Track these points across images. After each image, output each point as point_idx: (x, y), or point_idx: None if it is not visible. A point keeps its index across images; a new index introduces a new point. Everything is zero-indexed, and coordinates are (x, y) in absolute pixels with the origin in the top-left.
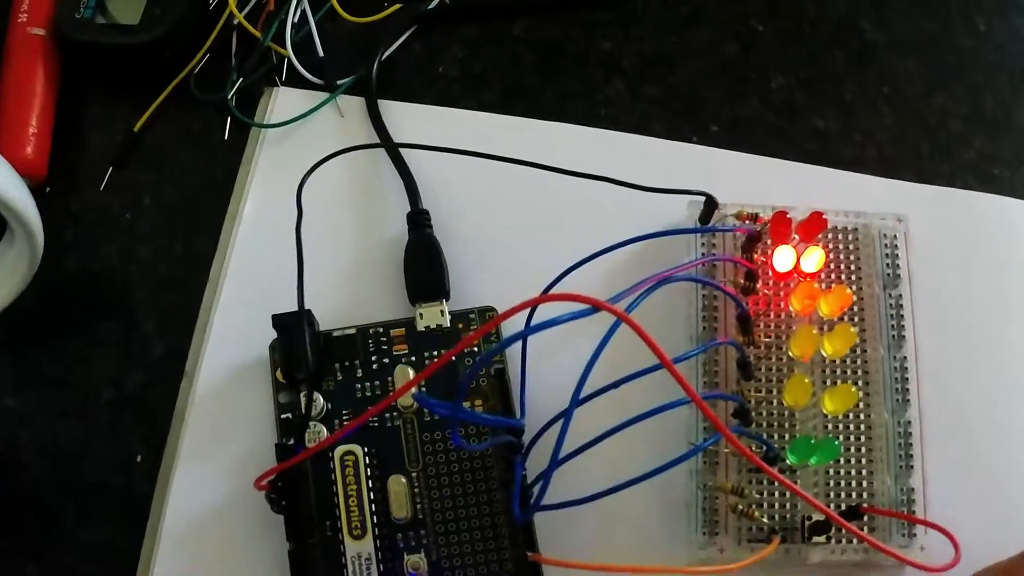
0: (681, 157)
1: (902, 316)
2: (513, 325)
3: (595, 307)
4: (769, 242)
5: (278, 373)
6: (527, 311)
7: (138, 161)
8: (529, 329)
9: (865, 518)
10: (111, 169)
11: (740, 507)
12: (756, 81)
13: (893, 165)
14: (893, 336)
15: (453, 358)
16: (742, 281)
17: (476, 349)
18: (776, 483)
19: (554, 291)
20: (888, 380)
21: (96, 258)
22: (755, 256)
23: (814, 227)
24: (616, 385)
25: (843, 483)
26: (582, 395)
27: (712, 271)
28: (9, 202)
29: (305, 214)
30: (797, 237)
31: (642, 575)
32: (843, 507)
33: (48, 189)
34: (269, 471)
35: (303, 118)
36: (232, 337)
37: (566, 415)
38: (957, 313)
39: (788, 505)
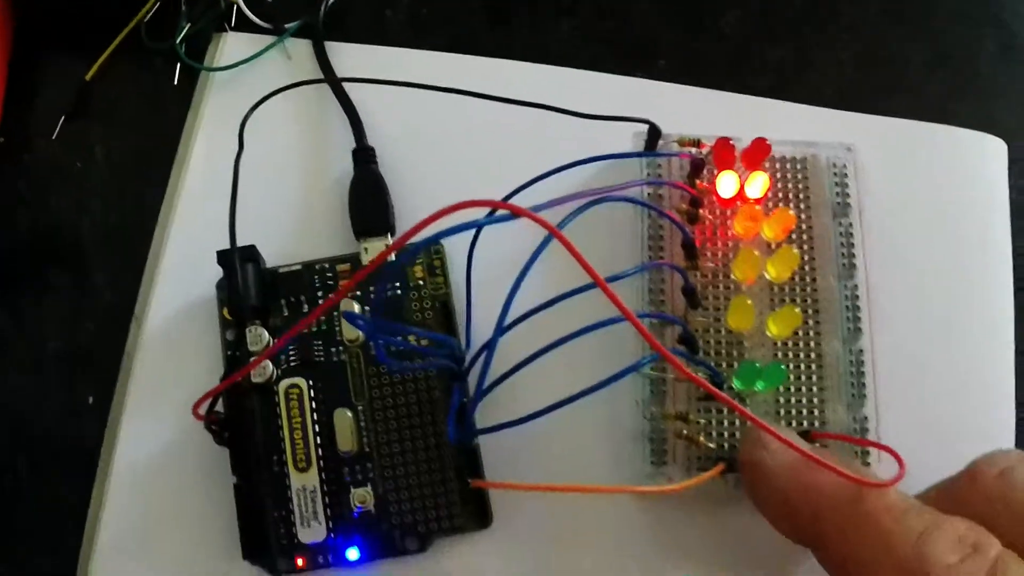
0: (629, 91)
1: (852, 245)
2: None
3: (516, 214)
4: (715, 170)
5: (224, 311)
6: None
7: (90, 111)
8: (448, 231)
9: (817, 444)
10: (63, 119)
11: (686, 432)
12: (708, 18)
13: (849, 102)
14: (844, 265)
15: (400, 293)
16: (686, 208)
17: (422, 283)
18: (724, 411)
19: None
20: (839, 309)
21: (47, 210)
22: (699, 183)
23: (758, 153)
24: (546, 306)
25: (794, 411)
26: (514, 318)
27: (657, 201)
28: None
29: (251, 153)
30: (742, 165)
31: (586, 499)
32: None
33: (1, 140)
34: (205, 395)
35: (250, 61)
36: (181, 278)
37: (492, 339)
38: (910, 244)
39: (736, 434)
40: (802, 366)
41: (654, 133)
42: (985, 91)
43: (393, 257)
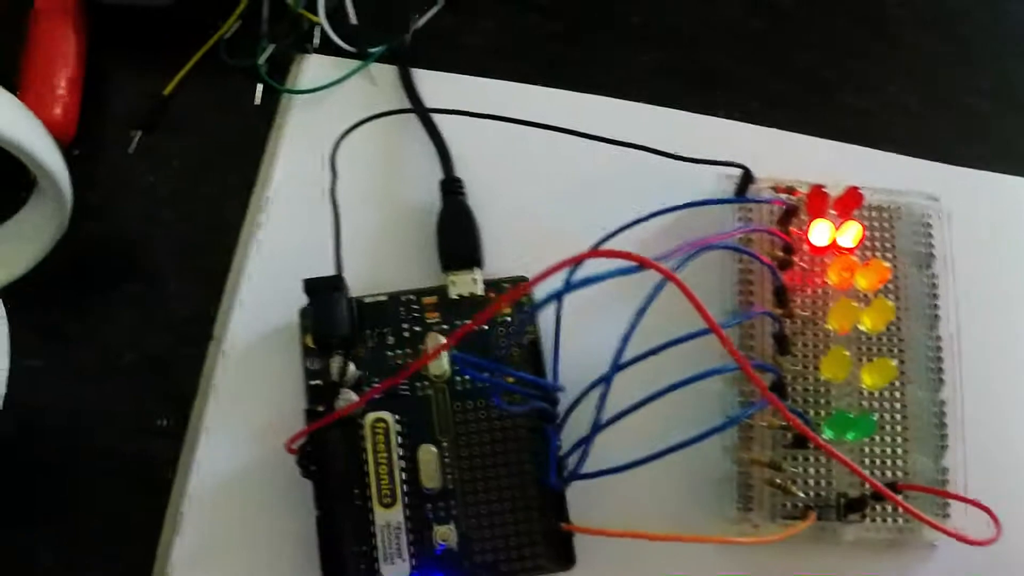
0: (714, 131)
1: (936, 295)
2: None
3: (642, 264)
4: (805, 216)
5: (307, 338)
6: (562, 277)
7: (166, 126)
8: (569, 286)
9: (901, 496)
10: (140, 133)
11: (778, 481)
12: (785, 58)
13: (925, 145)
14: (928, 315)
15: (486, 327)
16: (779, 254)
17: (508, 319)
18: (811, 459)
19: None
20: (923, 358)
21: (122, 221)
22: (791, 230)
23: (851, 202)
24: (656, 351)
25: (878, 460)
26: (622, 360)
27: (748, 245)
28: (41, 161)
29: (338, 180)
30: (834, 212)
31: (670, 543)
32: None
33: (76, 152)
34: (300, 432)
35: (334, 85)
36: (260, 302)
37: (606, 379)
38: (995, 294)
39: (823, 482)
40: (887, 415)
41: (747, 178)
42: None
43: (481, 292)
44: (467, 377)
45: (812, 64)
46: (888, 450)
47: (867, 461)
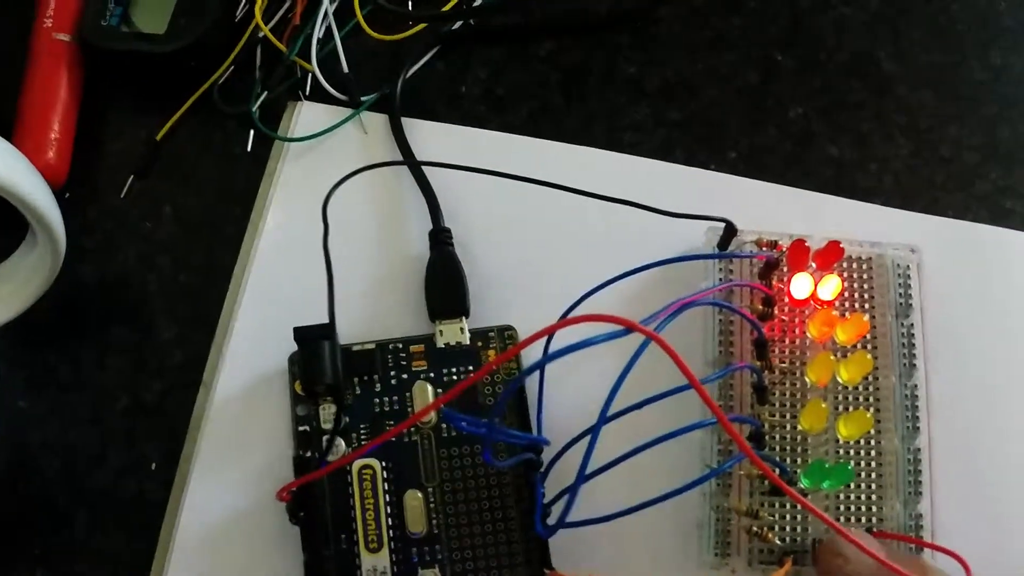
0: (700, 183)
1: (913, 345)
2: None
3: (629, 328)
4: (786, 269)
5: (296, 385)
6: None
7: (159, 170)
8: (563, 350)
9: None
10: (132, 177)
11: (755, 529)
12: (774, 109)
13: (907, 195)
14: (904, 364)
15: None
16: (759, 307)
17: (495, 367)
18: (788, 506)
19: (574, 313)
20: (899, 407)
21: (114, 266)
22: (772, 283)
23: (831, 256)
24: (640, 406)
25: (853, 507)
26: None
27: (729, 297)
28: (34, 205)
29: (330, 228)
30: (814, 265)
31: None
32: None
33: (68, 195)
34: (293, 483)
35: (326, 133)
36: (250, 348)
37: (593, 432)
38: (967, 344)
39: (799, 528)
40: (862, 463)
41: (730, 231)
42: None
43: (467, 341)
44: (471, 432)
45: (800, 119)
46: (863, 497)
47: (842, 508)
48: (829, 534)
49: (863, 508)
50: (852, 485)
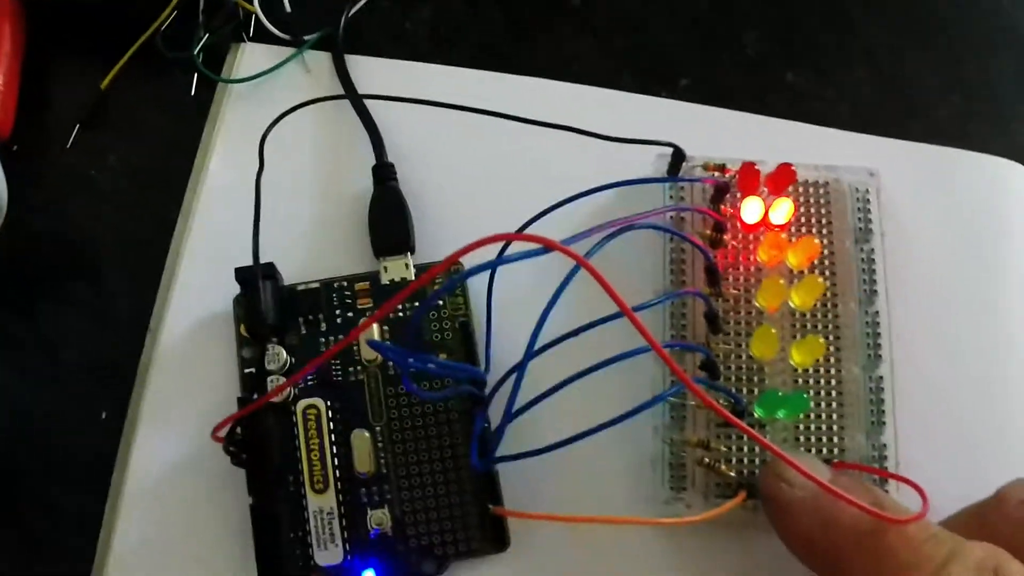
0: (650, 111)
1: (874, 271)
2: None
3: (547, 247)
4: (738, 195)
5: (242, 328)
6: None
7: (105, 120)
8: (477, 268)
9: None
10: (78, 128)
11: (707, 460)
12: (728, 37)
13: (866, 123)
14: (865, 291)
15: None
16: (710, 233)
17: (441, 303)
18: (744, 438)
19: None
20: (860, 335)
21: (62, 218)
22: (723, 208)
23: (783, 179)
24: (575, 334)
25: (813, 439)
26: (539, 345)
27: (680, 225)
28: None
29: (269, 169)
30: (766, 190)
31: (604, 525)
32: None
33: (15, 148)
34: (225, 420)
35: (269, 73)
36: (196, 293)
37: (521, 364)
38: (929, 269)
39: (756, 460)
40: (822, 392)
41: (678, 156)
42: (1002, 114)
43: (413, 277)
44: (408, 367)
45: (755, 45)
46: (824, 427)
47: (802, 439)
48: (773, 460)
49: (823, 439)
50: (812, 415)
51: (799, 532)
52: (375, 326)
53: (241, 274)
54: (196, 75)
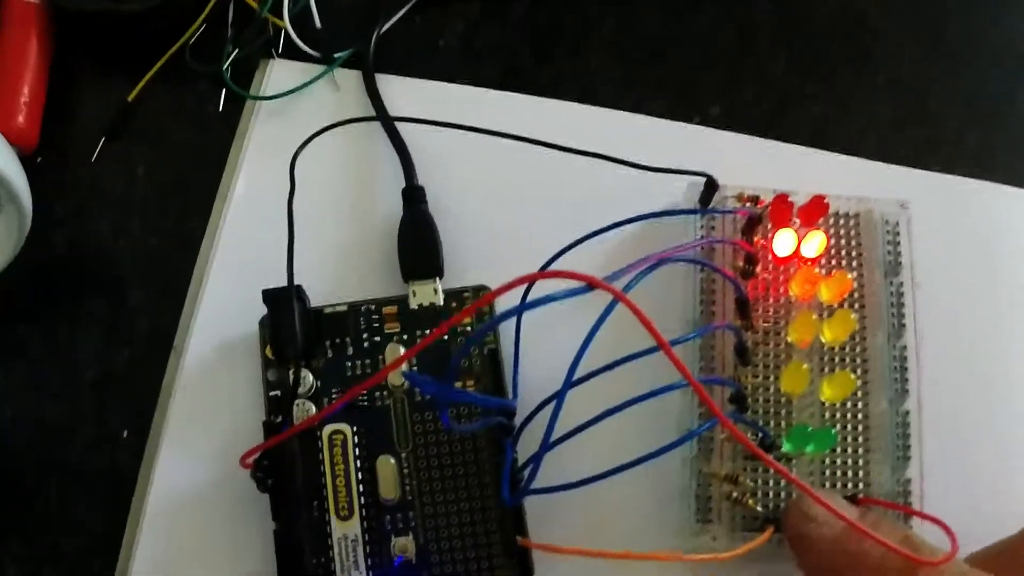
0: (680, 138)
1: (903, 304)
2: (507, 306)
3: (590, 285)
4: (769, 226)
5: (267, 350)
6: (522, 290)
7: (131, 133)
8: (522, 306)
9: (865, 509)
10: (103, 140)
11: (735, 495)
12: (755, 67)
13: (891, 153)
14: (893, 325)
15: (446, 338)
16: (741, 264)
17: (469, 329)
18: (771, 471)
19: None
20: (887, 369)
21: (86, 231)
22: (755, 240)
23: (815, 211)
24: (611, 367)
25: (839, 472)
26: (576, 377)
27: (711, 255)
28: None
29: (298, 189)
30: (798, 221)
31: (631, 560)
32: None
33: (39, 160)
34: (255, 448)
35: (298, 91)
36: (221, 313)
37: (558, 396)
38: (958, 303)
39: (783, 494)
40: (849, 427)
41: (711, 186)
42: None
43: (441, 302)
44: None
45: (783, 73)
46: (850, 461)
47: (827, 473)
48: (798, 496)
49: (849, 473)
50: (838, 449)
51: (824, 570)
52: (402, 349)
53: (269, 295)
54: (224, 90)
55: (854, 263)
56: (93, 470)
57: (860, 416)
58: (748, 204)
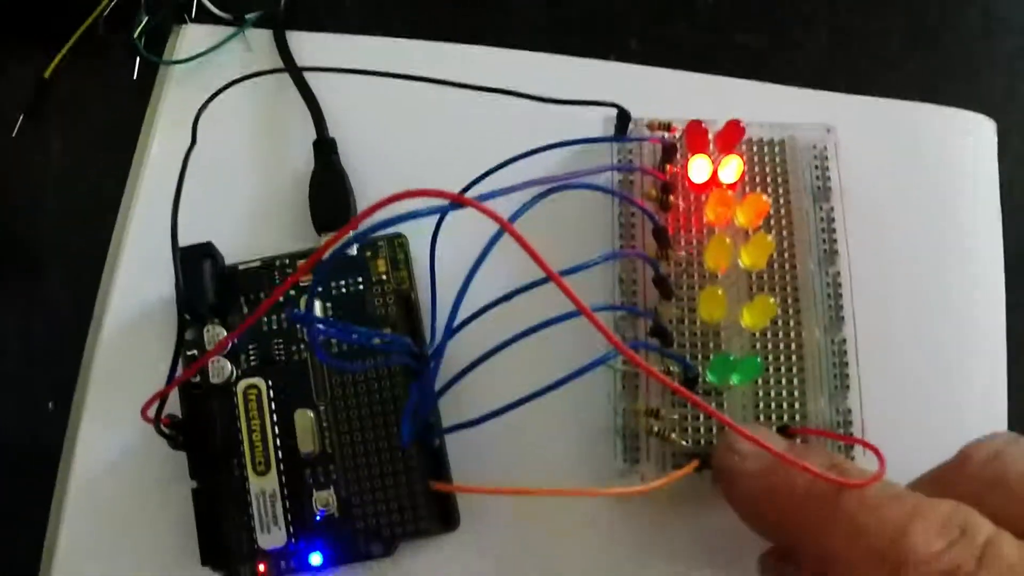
0: (598, 75)
1: (834, 230)
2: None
3: (462, 204)
4: (687, 154)
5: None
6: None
7: (49, 107)
8: (387, 221)
9: (796, 440)
10: (22, 117)
11: (656, 429)
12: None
13: (827, 82)
14: (824, 251)
15: (362, 287)
16: (654, 194)
17: (384, 277)
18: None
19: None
20: (820, 296)
21: (6, 207)
22: (670, 168)
23: (732, 136)
24: (499, 302)
25: (773, 404)
26: (469, 315)
27: (630, 188)
28: None
29: (209, 146)
30: (716, 149)
31: (556, 498)
32: (773, 429)
33: None
34: (153, 397)
35: (210, 53)
36: (140, 276)
37: (442, 341)
38: (894, 227)
39: (711, 429)
40: (781, 357)
41: (623, 117)
42: (969, 66)
43: (355, 252)
44: (342, 340)
45: (709, 4)
46: (784, 392)
47: (761, 405)
48: (726, 431)
49: (784, 405)
50: (772, 380)
51: (751, 501)
52: (317, 302)
53: (176, 254)
54: (138, 58)
55: (780, 190)
56: (20, 444)
57: (793, 346)
58: (661, 132)
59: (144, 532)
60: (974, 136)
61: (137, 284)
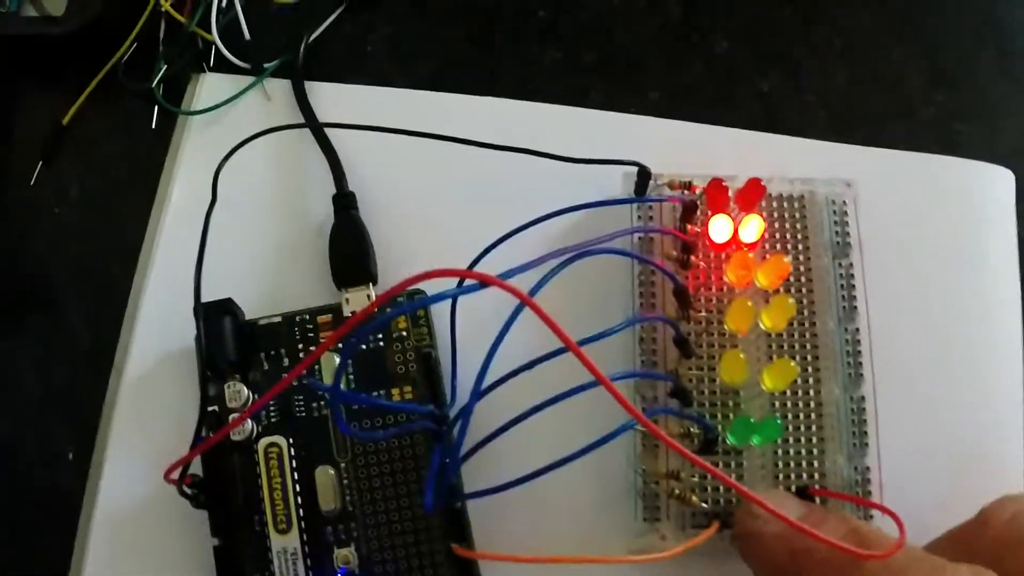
0: (617, 128)
1: (853, 287)
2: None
3: (484, 283)
4: (708, 213)
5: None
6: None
7: (67, 153)
8: (410, 305)
9: (817, 501)
10: (40, 164)
11: (677, 492)
12: (699, 45)
13: (845, 128)
14: (844, 308)
15: (382, 344)
16: (675, 253)
17: (405, 334)
18: (719, 467)
19: (478, 268)
20: (839, 354)
21: (25, 253)
22: (691, 228)
23: (753, 194)
24: (523, 370)
25: (792, 463)
26: (494, 380)
27: (649, 247)
28: None
29: (230, 200)
30: (737, 207)
31: (569, 564)
32: (793, 489)
33: None
34: (177, 462)
35: (229, 103)
36: (160, 327)
37: (468, 404)
38: (913, 282)
39: (730, 490)
40: (800, 415)
41: (644, 175)
42: (988, 110)
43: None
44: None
45: (726, 53)
46: (803, 451)
47: (780, 465)
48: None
49: (803, 464)
50: (791, 439)
51: (770, 563)
52: (337, 358)
53: (198, 310)
54: (156, 107)
55: (799, 247)
56: (37, 488)
57: (812, 404)
58: (680, 190)
59: None
60: (994, 189)
61: (158, 334)
